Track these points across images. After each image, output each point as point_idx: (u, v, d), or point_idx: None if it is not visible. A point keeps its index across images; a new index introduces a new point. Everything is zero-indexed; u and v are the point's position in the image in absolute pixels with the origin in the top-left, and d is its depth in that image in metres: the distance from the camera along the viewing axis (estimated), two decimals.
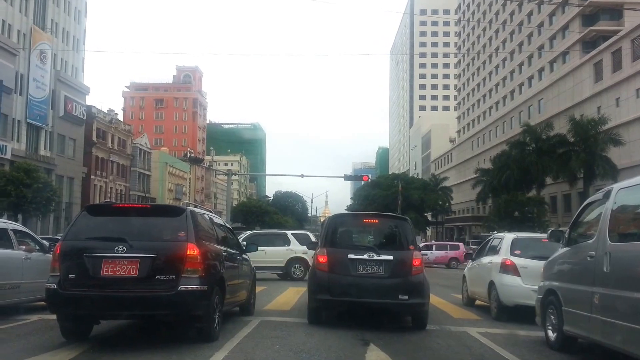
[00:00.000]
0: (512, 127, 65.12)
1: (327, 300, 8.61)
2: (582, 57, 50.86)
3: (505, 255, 10.65)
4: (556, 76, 56.20)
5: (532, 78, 65.24)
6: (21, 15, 48.06)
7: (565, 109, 50.55)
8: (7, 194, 32.10)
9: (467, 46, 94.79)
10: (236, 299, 8.86)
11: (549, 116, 52.71)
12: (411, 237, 9.22)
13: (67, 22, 56.53)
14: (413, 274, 8.58)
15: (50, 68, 50.92)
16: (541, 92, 59.38)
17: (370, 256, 8.53)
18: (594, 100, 47.27)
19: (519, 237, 11.27)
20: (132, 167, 74.97)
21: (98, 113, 64.17)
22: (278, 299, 12.71)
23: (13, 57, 44.23)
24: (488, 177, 51.29)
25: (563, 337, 7.08)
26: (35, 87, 48.36)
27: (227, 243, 8.77)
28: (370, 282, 8.47)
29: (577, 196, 47.80)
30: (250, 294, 9.97)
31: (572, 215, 42.02)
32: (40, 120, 49.26)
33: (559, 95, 54.24)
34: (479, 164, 69.11)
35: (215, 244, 7.81)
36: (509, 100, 72.58)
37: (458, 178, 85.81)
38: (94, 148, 62.09)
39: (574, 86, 51.30)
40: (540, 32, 62.72)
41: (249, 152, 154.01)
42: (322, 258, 8.76)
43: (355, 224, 10.51)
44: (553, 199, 52.72)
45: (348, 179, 47.36)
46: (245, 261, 9.76)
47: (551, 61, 59.57)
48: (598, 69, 47.27)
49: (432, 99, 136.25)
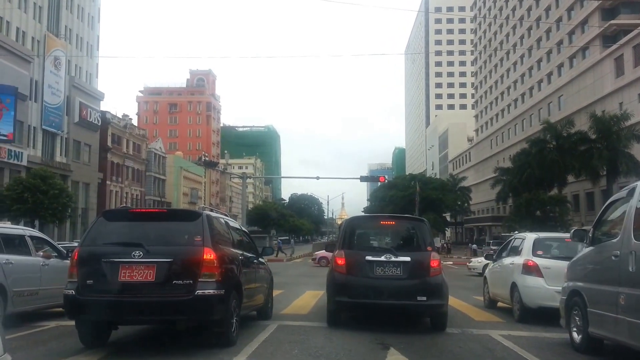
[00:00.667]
0: (532, 125, 64.51)
1: (345, 302, 8.69)
2: (602, 52, 50.28)
3: (528, 255, 10.51)
4: (576, 72, 55.62)
5: (552, 74, 64.60)
6: (35, 22, 48.66)
7: (585, 105, 49.98)
8: (24, 200, 32.47)
9: (483, 43, 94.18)
10: (254, 303, 8.88)
11: (569, 113, 52.17)
12: (429, 238, 9.26)
13: (81, 28, 57.13)
14: (431, 275, 8.60)
15: (64, 74, 51.47)
16: (561, 88, 58.79)
17: (388, 258, 8.60)
18: (615, 96, 46.71)
19: (540, 237, 11.08)
20: (147, 171, 75.47)
21: (112, 118, 64.73)
22: (295, 303, 12.70)
23: (27, 64, 44.80)
24: (508, 176, 50.82)
25: (588, 339, 7.00)
26: (50, 93, 48.91)
27: (243, 247, 8.81)
28: (388, 283, 8.54)
29: (600, 194, 47.20)
30: (267, 298, 9.98)
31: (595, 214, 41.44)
32: (55, 127, 49.82)
33: (579, 91, 53.67)
34: (498, 162, 68.55)
35: (231, 248, 7.85)
36: (527, 97, 71.95)
37: (477, 178, 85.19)
38: (109, 153, 62.63)
39: (594, 82, 50.74)
40: (558, 28, 62.13)
41: (263, 155, 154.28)
42: (340, 260, 8.85)
43: (373, 226, 10.59)
44: (575, 198, 52.15)
45: (364, 181, 47.25)
46: (261, 265, 9.75)
47: (570, 57, 58.97)
48: (619, 63, 46.72)
49: (449, 97, 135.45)
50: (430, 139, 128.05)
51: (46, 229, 38.74)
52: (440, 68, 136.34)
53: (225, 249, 7.38)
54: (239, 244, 8.64)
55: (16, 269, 8.85)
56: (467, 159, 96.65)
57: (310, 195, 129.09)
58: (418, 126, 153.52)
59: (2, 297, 8.38)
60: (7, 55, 41.43)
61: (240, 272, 7.71)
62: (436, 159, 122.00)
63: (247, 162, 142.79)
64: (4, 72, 40.77)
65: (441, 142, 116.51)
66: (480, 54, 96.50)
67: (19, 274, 8.91)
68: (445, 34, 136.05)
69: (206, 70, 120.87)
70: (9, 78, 40.92)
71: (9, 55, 41.68)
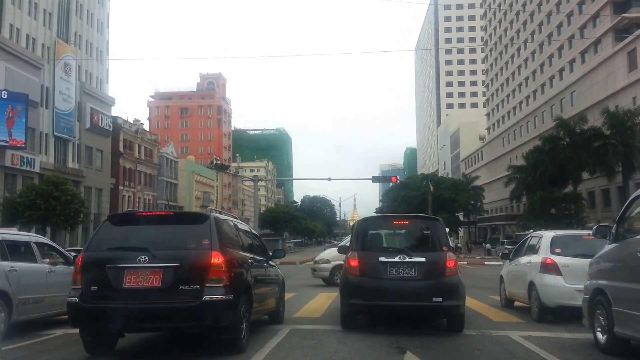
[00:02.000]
0: (544, 122, 63.83)
1: (359, 305, 8.50)
2: (614, 46, 49.62)
3: (545, 254, 10.23)
4: (588, 67, 54.95)
5: (563, 70, 63.93)
6: (45, 29, 48.86)
7: (598, 100, 49.32)
8: (37, 207, 32.49)
9: (494, 40, 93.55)
10: (264, 308, 8.67)
11: (582, 109, 51.44)
12: (444, 238, 8.97)
13: (90, 34, 57.32)
14: (447, 276, 8.38)
15: (75, 80, 51.62)
16: (573, 84, 58.10)
17: (402, 258, 8.39)
18: (628, 91, 46.03)
19: (558, 235, 10.77)
20: (159, 176, 75.57)
21: (124, 124, 64.89)
22: (308, 306, 12.43)
23: (38, 70, 44.92)
24: (521, 174, 50.21)
25: (614, 339, 6.71)
26: (61, 99, 49.03)
27: (253, 250, 8.58)
28: (403, 284, 8.32)
29: (617, 190, 46.65)
30: (279, 302, 9.74)
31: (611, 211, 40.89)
32: (67, 133, 49.94)
33: (592, 86, 52.99)
34: (511, 161, 68.01)
35: (240, 251, 7.61)
36: (539, 94, 71.28)
37: (489, 176, 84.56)
38: (121, 159, 62.77)
39: (607, 77, 50.07)
40: (570, 22, 61.50)
41: (274, 158, 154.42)
42: (353, 262, 8.67)
43: (386, 226, 10.23)
44: (591, 195, 51.44)
45: (376, 181, 46.86)
46: (272, 268, 9.53)
47: (582, 52, 58.30)
48: (632, 57, 46.01)
49: (460, 96, 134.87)
50: (442, 139, 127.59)
51: (58, 235, 38.75)
52: (450, 67, 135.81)
53: (233, 253, 7.15)
54: (249, 247, 8.41)
55: (21, 276, 8.66)
56: (479, 158, 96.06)
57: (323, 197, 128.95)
58: (429, 126, 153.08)
59: (6, 305, 8.19)
60: (18, 61, 41.53)
61: (249, 276, 7.46)
62: (448, 158, 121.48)
63: (259, 165, 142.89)
64: (15, 79, 40.87)
65: (453, 141, 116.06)
66: (491, 51, 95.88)
67: (24, 281, 8.71)
68: (455, 32, 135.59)
69: (216, 74, 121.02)
70: (20, 85, 40.98)
71: (19, 62, 41.80)
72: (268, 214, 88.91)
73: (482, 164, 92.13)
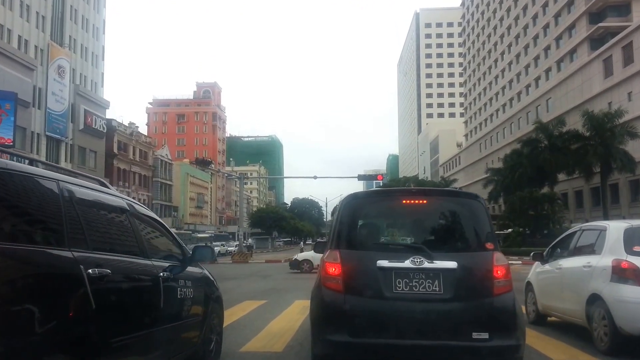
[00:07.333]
0: (520, 128, 61.50)
1: (343, 343, 4.35)
2: (590, 54, 47.38)
3: (618, 254, 6.13)
4: (564, 75, 52.63)
5: (539, 79, 61.62)
6: (38, 31, 45.68)
7: (574, 106, 47.06)
8: None
9: (472, 53, 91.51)
10: (171, 349, 4.25)
11: (558, 114, 49.06)
12: (487, 227, 4.80)
13: (85, 39, 54.13)
14: (496, 294, 4.42)
15: (69, 82, 48.40)
16: (549, 91, 55.76)
17: (417, 263, 4.41)
18: (604, 96, 43.79)
19: (634, 227, 6.38)
20: (154, 177, 72.47)
21: (119, 126, 61.75)
22: (271, 326, 7.89)
23: (30, 71, 41.72)
24: (499, 176, 47.84)
25: None
26: (54, 100, 45.84)
27: (137, 246, 3.94)
28: (419, 308, 4.36)
29: (590, 192, 44.70)
30: (205, 334, 4.95)
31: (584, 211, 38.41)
32: (59, 133, 46.72)
33: (567, 93, 50.66)
34: (487, 165, 65.72)
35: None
36: (516, 102, 69.00)
37: (467, 180, 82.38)
38: (115, 160, 59.53)
39: (582, 83, 47.78)
40: (546, 34, 59.25)
41: (266, 163, 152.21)
42: (332, 267, 4.56)
43: (389, 208, 5.28)
44: (564, 196, 49.09)
45: (362, 179, 44.46)
46: (190, 280, 4.68)
47: (558, 61, 56.03)
48: (608, 64, 43.85)
49: (439, 106, 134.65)
50: (422, 145, 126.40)
51: None
52: (430, 80, 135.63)
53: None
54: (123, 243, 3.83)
55: None
56: (457, 163, 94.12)
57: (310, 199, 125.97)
58: (410, 133, 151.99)
59: None
60: (8, 61, 38.40)
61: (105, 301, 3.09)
62: (427, 164, 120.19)
63: (252, 169, 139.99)
64: (5, 79, 37.65)
65: (432, 147, 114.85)
66: (469, 63, 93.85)
67: None
68: (435, 48, 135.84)
69: (212, 83, 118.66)
70: (11, 85, 37.71)
71: (10, 62, 38.67)
72: (258, 214, 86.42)
73: (460, 168, 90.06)
